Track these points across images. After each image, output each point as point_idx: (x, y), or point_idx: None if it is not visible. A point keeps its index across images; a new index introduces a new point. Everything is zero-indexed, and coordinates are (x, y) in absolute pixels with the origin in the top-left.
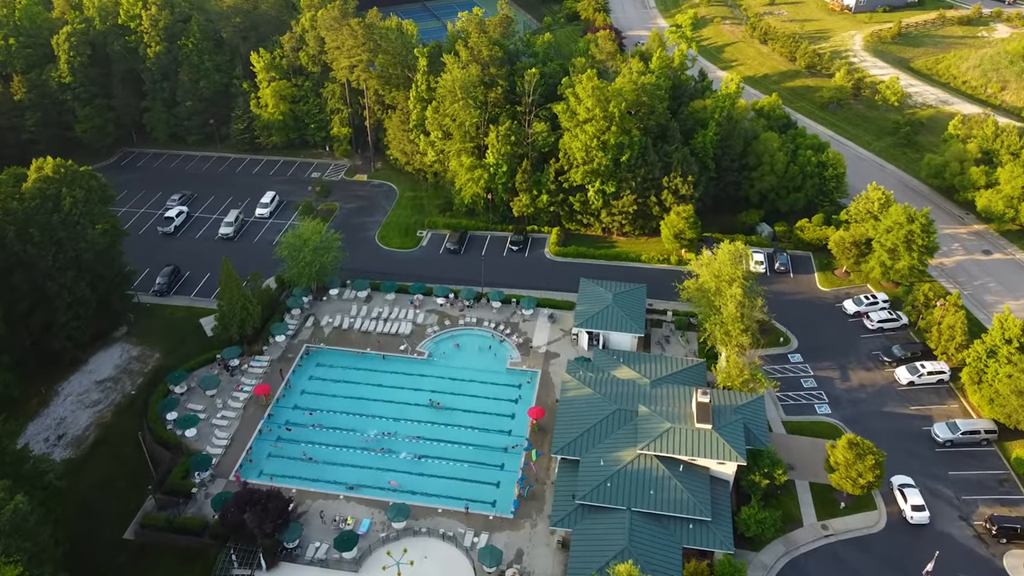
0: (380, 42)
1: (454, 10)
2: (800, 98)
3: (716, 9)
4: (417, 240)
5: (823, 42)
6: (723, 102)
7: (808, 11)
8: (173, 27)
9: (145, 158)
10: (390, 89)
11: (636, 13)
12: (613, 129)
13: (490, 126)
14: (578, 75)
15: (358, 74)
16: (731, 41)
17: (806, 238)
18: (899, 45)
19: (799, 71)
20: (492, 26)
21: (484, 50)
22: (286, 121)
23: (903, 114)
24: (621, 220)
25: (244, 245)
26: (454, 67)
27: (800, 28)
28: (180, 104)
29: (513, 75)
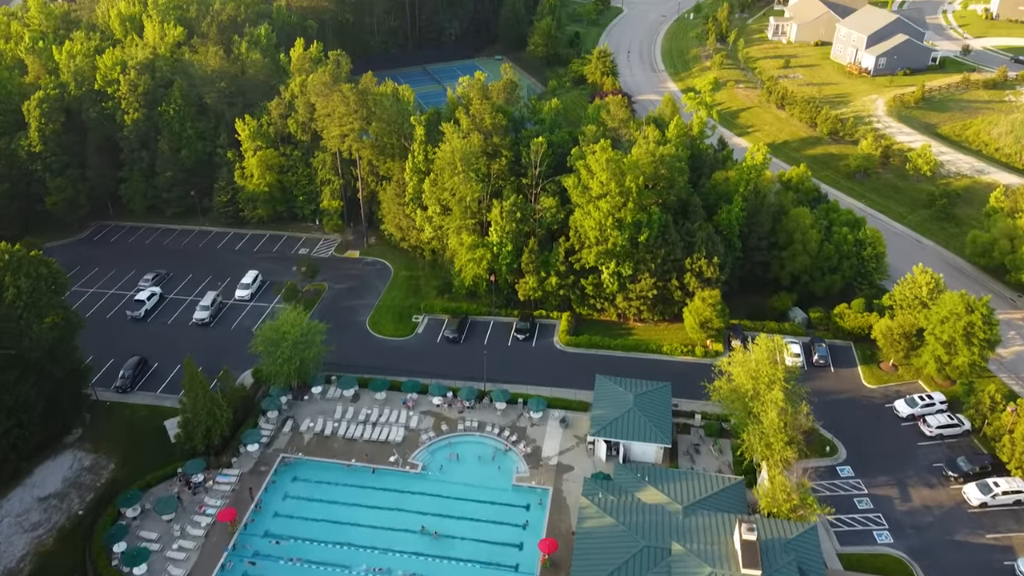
0: (374, 109)
1: (455, 73)
2: (824, 167)
3: (729, 72)
4: (412, 326)
5: (843, 107)
6: (748, 174)
7: (825, 74)
8: (154, 92)
9: (120, 232)
10: (385, 159)
11: (645, 76)
12: (630, 206)
13: (493, 200)
14: (589, 145)
15: (350, 143)
16: (747, 106)
17: (846, 326)
18: (923, 110)
19: (821, 138)
20: (495, 92)
21: (487, 118)
22: (273, 193)
23: (937, 184)
24: (639, 305)
25: (220, 332)
26: (454, 137)
27: (818, 92)
28: (159, 174)
29: (518, 144)
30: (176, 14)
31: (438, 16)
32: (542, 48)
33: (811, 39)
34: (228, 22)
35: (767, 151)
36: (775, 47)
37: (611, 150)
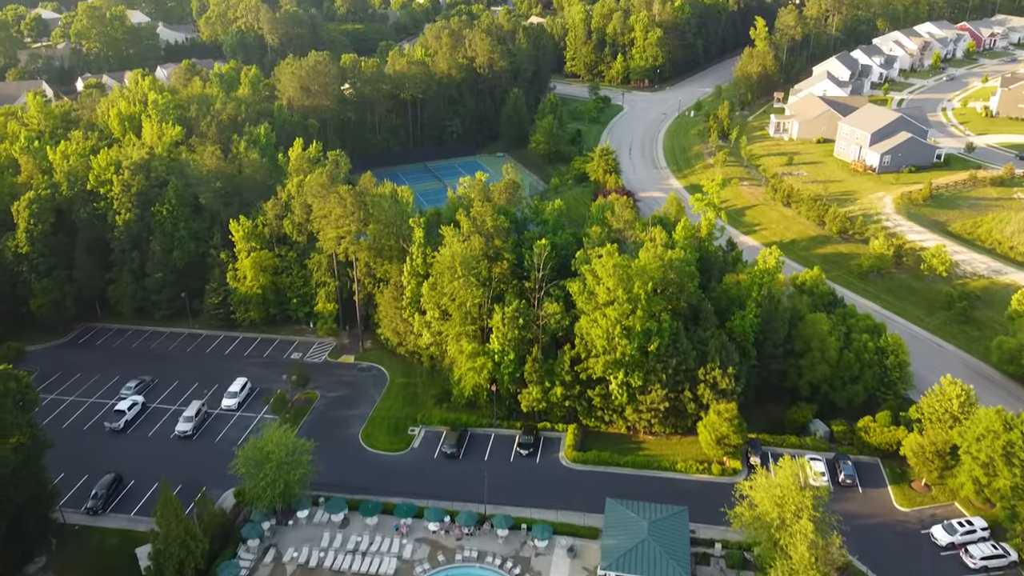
0: (372, 211)
1: (456, 170)
2: (835, 266)
3: (732, 170)
4: (408, 439)
5: (851, 204)
6: (761, 278)
7: (829, 171)
8: (147, 192)
9: (107, 335)
10: (382, 262)
11: (647, 173)
12: (639, 313)
13: (495, 306)
14: (595, 248)
15: (345, 246)
16: (752, 203)
17: (872, 441)
18: (932, 207)
19: (830, 236)
20: (497, 192)
21: (488, 220)
22: (266, 295)
23: (953, 285)
24: (650, 418)
25: (203, 446)
26: (454, 240)
27: (824, 190)
28: (149, 275)
29: (520, 246)
30: (176, 114)
31: (440, 114)
32: (544, 146)
33: (813, 136)
34: (228, 122)
35: (780, 254)
36: (777, 144)
37: (617, 254)
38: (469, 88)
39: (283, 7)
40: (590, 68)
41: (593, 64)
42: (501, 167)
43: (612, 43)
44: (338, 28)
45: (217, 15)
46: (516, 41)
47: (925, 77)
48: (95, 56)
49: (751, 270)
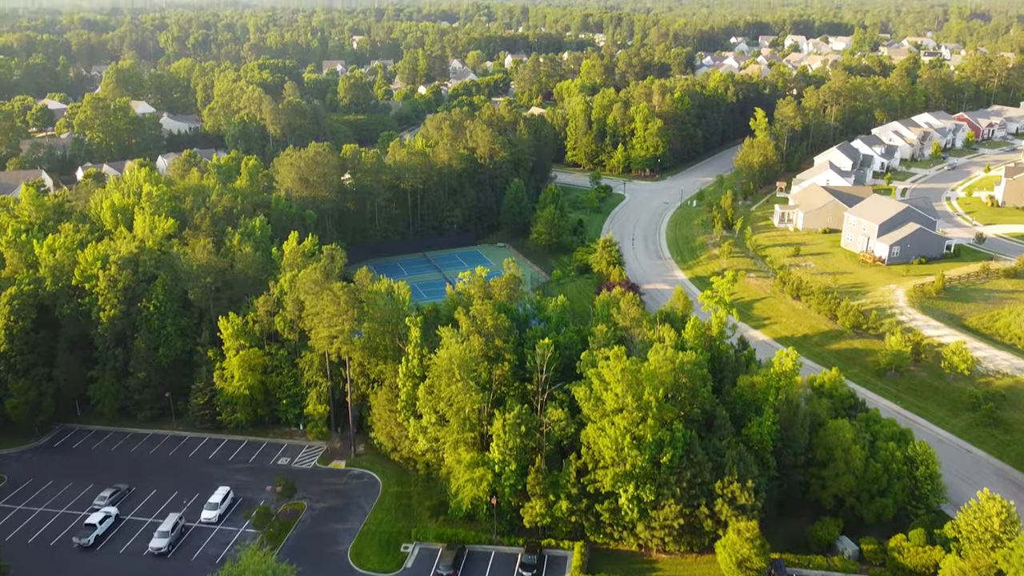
0: (366, 308)
1: (456, 261)
2: (851, 363)
3: (738, 261)
4: (401, 558)
5: (862, 297)
6: (778, 381)
7: (837, 263)
8: (135, 288)
9: (85, 436)
10: (376, 361)
11: (651, 264)
12: (650, 422)
13: (495, 411)
14: (601, 349)
15: (338, 346)
16: (760, 296)
17: (907, 563)
18: (946, 300)
19: (843, 331)
20: (497, 288)
21: (488, 319)
22: (254, 395)
23: (977, 384)
24: (663, 536)
25: (178, 565)
26: (452, 342)
27: (834, 282)
28: (133, 374)
29: (522, 345)
30: (170, 206)
31: (440, 204)
32: (545, 236)
33: (818, 227)
34: (223, 214)
35: (796, 356)
36: (783, 235)
37: (625, 357)
38: (470, 178)
39: (286, 98)
40: (591, 157)
41: (594, 154)
42: (502, 259)
43: (613, 133)
44: (340, 119)
45: (220, 106)
46: (517, 132)
47: (927, 166)
48: (97, 146)
49: (766, 372)
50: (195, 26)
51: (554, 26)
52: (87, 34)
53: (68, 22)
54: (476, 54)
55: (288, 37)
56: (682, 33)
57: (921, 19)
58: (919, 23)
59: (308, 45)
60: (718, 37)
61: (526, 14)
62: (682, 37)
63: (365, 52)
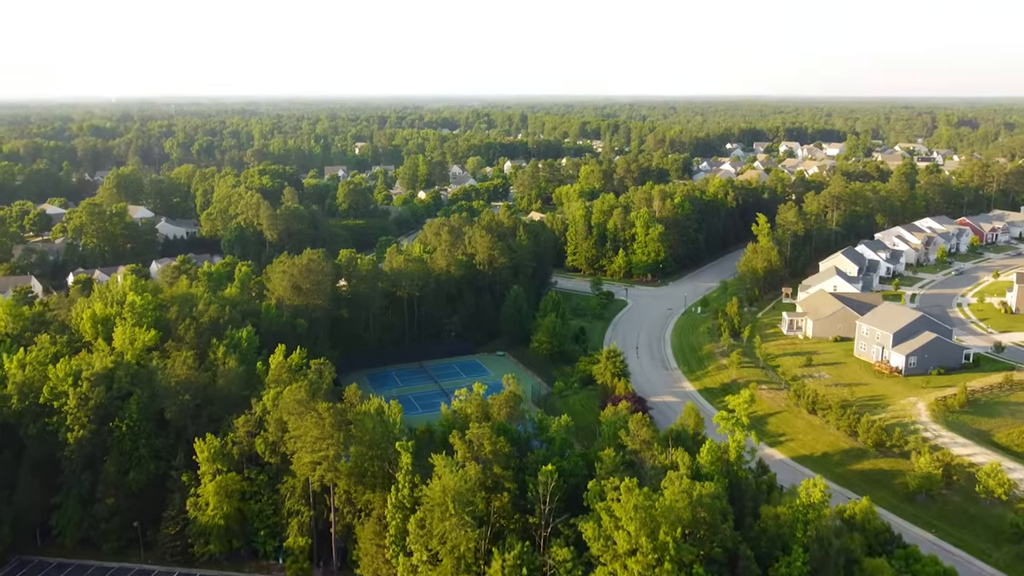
0: (354, 431)
1: (454, 371)
2: (877, 486)
3: (748, 372)
4: None
5: (882, 411)
6: (805, 513)
7: (852, 374)
8: (107, 406)
9: (45, 570)
10: (363, 490)
11: (657, 375)
12: (667, 566)
13: (493, 549)
14: (609, 479)
15: (321, 473)
16: (774, 410)
17: None
18: (971, 415)
19: (866, 450)
20: (496, 407)
21: (487, 444)
22: (230, 525)
23: (1015, 510)
24: None
25: None
26: (446, 472)
27: (850, 394)
28: (100, 500)
29: (523, 472)
30: (154, 316)
31: (438, 311)
32: (546, 345)
33: (829, 335)
34: (209, 324)
35: (824, 486)
36: (792, 343)
37: (637, 489)
38: (468, 284)
39: (285, 203)
40: (591, 263)
41: (594, 259)
42: (502, 369)
43: (613, 238)
44: (339, 223)
45: (218, 211)
46: (517, 237)
47: (933, 271)
48: (90, 251)
49: (791, 502)
50: (201, 133)
51: (552, 133)
52: (94, 140)
53: (77, 129)
54: (476, 160)
55: (291, 143)
56: (678, 140)
57: (910, 126)
58: (909, 130)
59: (311, 151)
60: (714, 143)
61: (525, 121)
62: (678, 143)
63: (367, 158)
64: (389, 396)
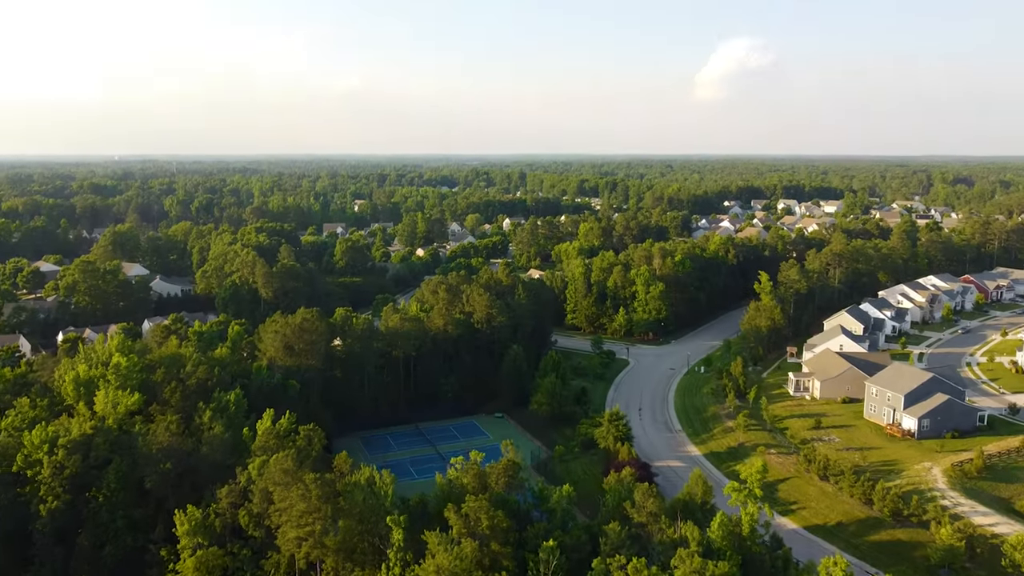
0: (343, 503)
1: (451, 433)
2: (896, 559)
3: (755, 435)
4: None
5: (896, 477)
6: None
7: (863, 437)
8: (84, 475)
9: None
10: (352, 567)
11: (661, 438)
12: None
13: None
14: (616, 557)
15: (307, 550)
16: (783, 476)
17: None
18: (990, 481)
19: (882, 519)
20: (494, 476)
21: (483, 518)
22: None
23: None
24: None
25: None
26: (440, 550)
27: (862, 459)
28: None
29: (523, 548)
30: (139, 378)
31: (434, 372)
32: (546, 407)
33: (837, 396)
34: (196, 386)
35: (846, 564)
36: (799, 404)
37: (646, 571)
38: (466, 344)
39: (281, 261)
40: (591, 321)
41: (595, 317)
42: (500, 431)
43: (613, 296)
44: (336, 281)
45: (214, 268)
46: (515, 296)
47: (939, 330)
48: (82, 309)
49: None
50: (201, 191)
51: (551, 191)
52: (93, 198)
53: (78, 187)
54: (474, 217)
55: (291, 200)
56: (676, 197)
57: (906, 184)
58: (905, 187)
59: (310, 208)
60: (711, 201)
61: (524, 179)
62: (676, 201)
63: (366, 215)
64: (383, 463)
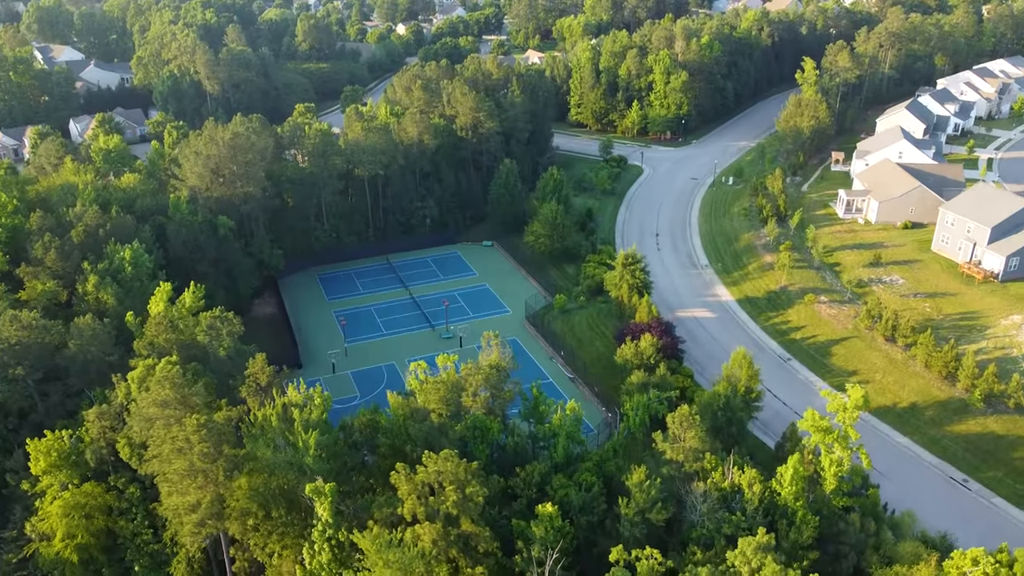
0: (250, 447)
1: (428, 268)
2: (990, 462)
3: (800, 275)
4: None
5: (980, 337)
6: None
7: (932, 277)
8: None
9: None
10: (269, 532)
11: (684, 276)
12: None
13: None
14: (643, 551)
15: (192, 527)
16: (838, 335)
17: None
18: None
19: (969, 403)
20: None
21: (451, 492)
22: (92, 555)
23: None
24: None
25: None
26: (388, 551)
27: (935, 310)
28: None
29: (511, 499)
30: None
31: (409, 193)
32: (545, 240)
33: (897, 220)
34: (86, 237)
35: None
36: (851, 230)
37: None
38: (447, 157)
39: (229, 45)
40: (599, 117)
41: (603, 112)
42: (490, 266)
43: (626, 88)
44: (298, 67)
45: (149, 55)
46: (509, 93)
47: (1007, 127)
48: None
49: (916, 549)
50: None
51: None
52: None
53: None
54: None
55: None
56: None
57: None
58: None
59: None
60: None
61: None
62: None
63: None
64: (342, 319)
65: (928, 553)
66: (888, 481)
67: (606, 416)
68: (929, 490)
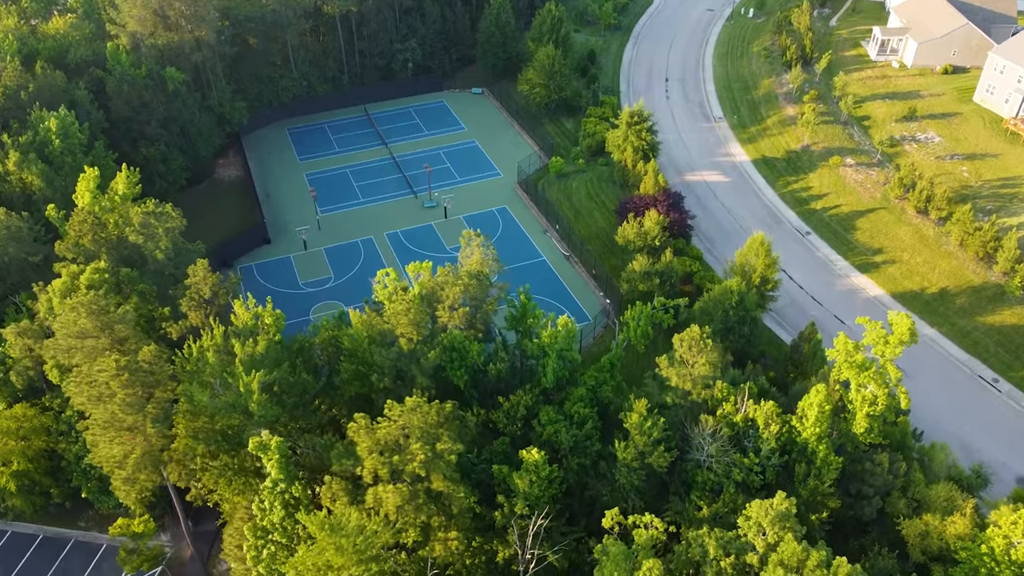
0: (186, 387)
1: (411, 119)
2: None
3: (826, 132)
4: None
5: (1021, 208)
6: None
7: (972, 134)
8: None
9: None
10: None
11: (696, 131)
12: None
13: None
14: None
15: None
16: (865, 206)
17: None
18: None
19: (1005, 289)
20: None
21: (419, 450)
22: (35, 478)
23: None
24: None
25: None
26: (329, 544)
27: (973, 175)
28: None
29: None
30: None
31: (388, 35)
32: (541, 91)
33: (936, 64)
34: (4, 101)
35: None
36: (883, 76)
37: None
38: None
39: None
40: None
41: None
42: (480, 117)
43: None
44: None
45: None
46: None
47: None
48: None
49: (962, 513)
50: None
51: None
52: None
53: None
54: None
55: None
56: None
57: None
58: None
59: None
60: None
61: None
62: None
63: None
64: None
65: (963, 498)
66: (910, 380)
67: (604, 304)
68: (955, 391)
